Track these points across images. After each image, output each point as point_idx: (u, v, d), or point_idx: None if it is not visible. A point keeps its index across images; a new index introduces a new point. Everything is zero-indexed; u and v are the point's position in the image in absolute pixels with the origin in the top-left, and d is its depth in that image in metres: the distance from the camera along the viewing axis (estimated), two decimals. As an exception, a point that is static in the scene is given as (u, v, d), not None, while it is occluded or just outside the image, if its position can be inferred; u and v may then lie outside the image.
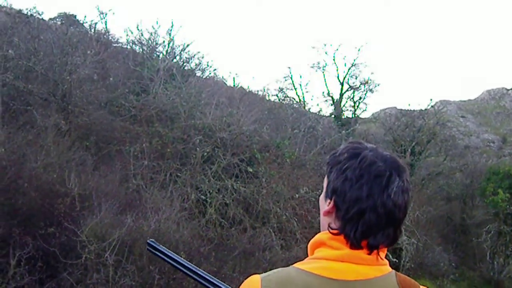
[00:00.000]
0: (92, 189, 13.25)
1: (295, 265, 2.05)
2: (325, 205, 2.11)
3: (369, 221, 1.96)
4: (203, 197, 16.99)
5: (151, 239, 2.79)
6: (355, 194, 1.99)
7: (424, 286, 2.12)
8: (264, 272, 2.05)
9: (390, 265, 2.08)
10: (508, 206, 25.32)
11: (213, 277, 2.49)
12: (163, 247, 2.69)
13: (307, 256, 2.12)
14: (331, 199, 2.07)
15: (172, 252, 2.69)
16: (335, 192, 2.05)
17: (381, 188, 1.98)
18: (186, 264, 2.61)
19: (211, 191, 17.12)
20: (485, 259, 26.28)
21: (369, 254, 1.98)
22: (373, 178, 2.00)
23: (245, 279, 2.07)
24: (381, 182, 1.99)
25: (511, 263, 26.30)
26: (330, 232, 2.05)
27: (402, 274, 2.06)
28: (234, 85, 25.05)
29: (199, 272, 2.54)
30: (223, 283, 2.40)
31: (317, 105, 35.22)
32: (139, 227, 11.81)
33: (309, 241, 2.16)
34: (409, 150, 28.49)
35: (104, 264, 10.53)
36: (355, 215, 1.98)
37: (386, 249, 2.07)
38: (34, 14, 20.82)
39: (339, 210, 2.03)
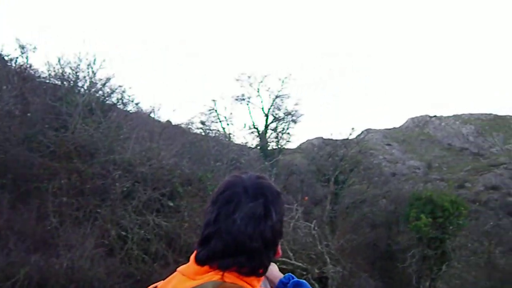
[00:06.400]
0: (5, 228, 12.97)
1: None
2: None
3: (215, 247, 1.95)
4: (123, 233, 16.73)
5: None
6: (207, 219, 2.01)
7: None
8: None
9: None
10: (430, 231, 25.76)
11: None
12: None
13: None
14: None
15: None
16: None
17: (227, 214, 1.96)
18: None
19: (132, 226, 16.89)
20: (411, 283, 26.62)
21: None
22: (223, 203, 1.99)
23: None
24: (229, 208, 1.97)
25: (437, 287, 26.76)
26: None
27: (230, 284, 1.92)
28: (155, 119, 24.99)
29: None
30: None
31: (243, 137, 35.20)
32: (50, 265, 11.58)
33: None
34: (333, 179, 28.89)
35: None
36: (204, 239, 1.99)
37: (259, 278, 2.03)
38: None
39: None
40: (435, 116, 58.91)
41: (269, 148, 35.36)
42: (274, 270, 2.48)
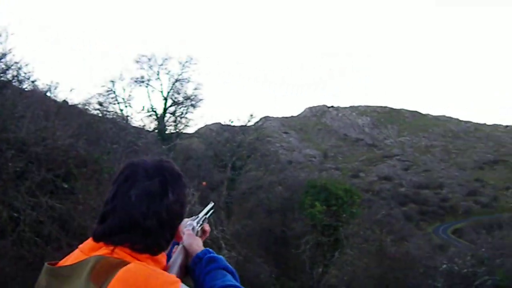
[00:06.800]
0: None
1: None
2: None
3: (110, 224, 1.97)
4: (15, 214, 16.25)
5: None
6: (107, 197, 2.05)
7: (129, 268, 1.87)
8: None
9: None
10: (324, 218, 26.34)
11: None
12: None
13: None
14: None
15: None
16: None
17: (124, 192, 2.00)
18: None
19: (24, 208, 16.43)
20: (305, 269, 27.22)
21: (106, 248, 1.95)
22: (122, 182, 2.03)
23: None
24: (126, 186, 2.01)
25: (329, 272, 27.49)
26: None
27: (112, 259, 1.89)
28: (52, 98, 24.33)
29: None
30: None
31: (141, 120, 34.82)
32: None
33: None
34: (230, 165, 29.09)
35: None
36: (102, 217, 2.03)
37: (154, 257, 2.01)
38: None
39: None
40: (332, 106, 60.43)
41: (167, 132, 35.23)
42: (194, 243, 2.44)
